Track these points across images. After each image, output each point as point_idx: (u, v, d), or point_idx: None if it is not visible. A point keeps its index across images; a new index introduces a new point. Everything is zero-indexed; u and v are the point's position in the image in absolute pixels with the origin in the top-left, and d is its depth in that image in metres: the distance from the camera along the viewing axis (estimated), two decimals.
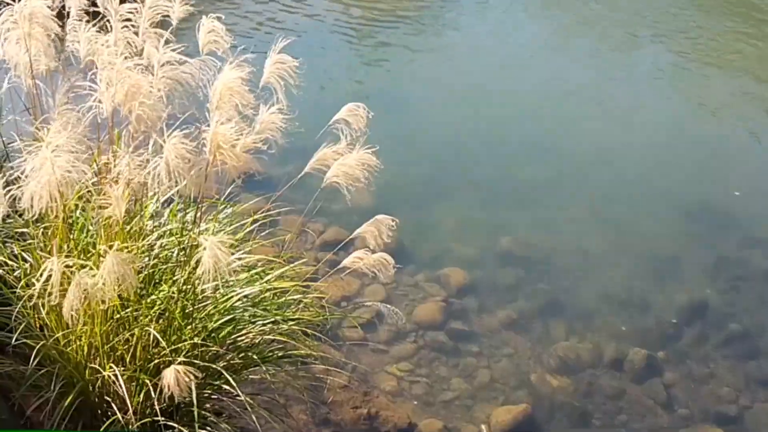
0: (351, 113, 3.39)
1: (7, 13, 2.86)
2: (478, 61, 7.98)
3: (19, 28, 2.83)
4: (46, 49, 2.91)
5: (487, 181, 6.32)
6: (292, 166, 4.68)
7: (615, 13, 9.16)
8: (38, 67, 2.96)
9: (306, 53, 3.70)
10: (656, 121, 7.22)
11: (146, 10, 3.07)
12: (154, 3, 3.13)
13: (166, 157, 2.69)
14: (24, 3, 2.86)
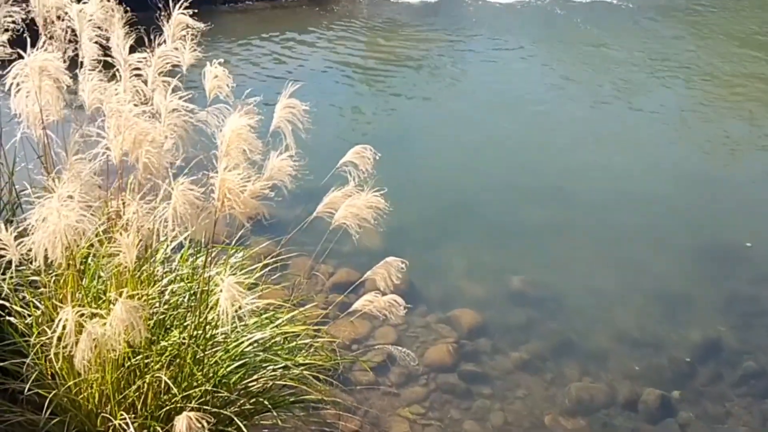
0: (358, 155, 3.42)
1: (18, 66, 2.91)
2: (486, 104, 8.02)
3: (30, 81, 2.88)
4: (57, 100, 2.95)
5: (496, 221, 6.32)
6: (301, 208, 4.70)
7: (624, 56, 9.21)
8: (48, 117, 3.00)
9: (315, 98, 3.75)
10: (667, 162, 7.23)
11: (156, 59, 3.12)
12: (164, 53, 3.17)
13: (174, 203, 2.71)
14: (35, 56, 2.91)
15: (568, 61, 9.11)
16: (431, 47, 9.12)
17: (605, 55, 9.21)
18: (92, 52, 3.24)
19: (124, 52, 3.01)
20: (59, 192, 2.44)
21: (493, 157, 7.13)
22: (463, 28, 9.67)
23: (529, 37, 9.61)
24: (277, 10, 9.65)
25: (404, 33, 9.42)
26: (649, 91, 8.49)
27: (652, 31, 9.91)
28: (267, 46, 8.77)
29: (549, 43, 9.52)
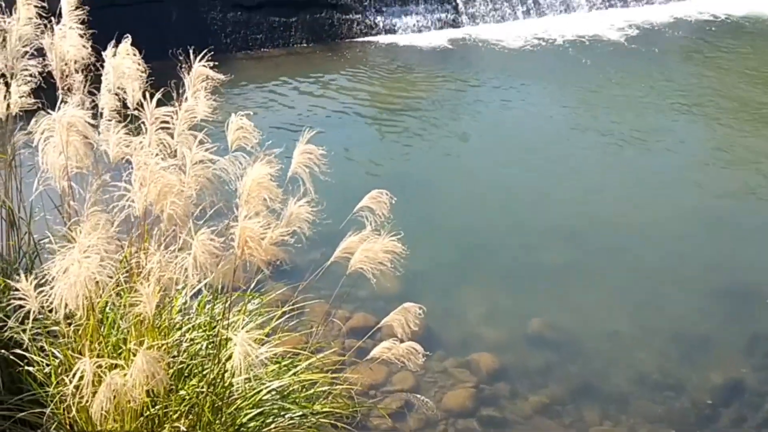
0: (374, 200, 3.44)
1: (47, 122, 2.96)
2: (501, 147, 8.05)
3: (57, 136, 2.92)
4: (83, 155, 2.99)
5: (513, 264, 6.29)
6: (318, 252, 4.72)
7: (641, 97, 9.19)
8: (73, 171, 3.04)
9: (330, 142, 3.79)
10: (686, 203, 7.18)
11: (182, 113, 3.16)
12: (190, 107, 3.22)
13: (195, 253, 2.73)
14: (63, 112, 2.95)
15: (584, 103, 9.14)
16: (444, 91, 9.19)
17: (621, 96, 9.23)
18: (112, 104, 3.30)
19: (151, 106, 3.06)
20: (80, 242, 2.47)
21: (509, 199, 7.13)
22: (475, 71, 9.74)
23: (542, 79, 9.66)
24: (292, 57, 9.77)
25: (417, 77, 9.50)
26: (667, 132, 8.47)
27: (668, 72, 9.94)
28: (282, 92, 8.87)
29: (564, 85, 9.56)
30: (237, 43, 9.64)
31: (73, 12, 3.35)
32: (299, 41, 9.99)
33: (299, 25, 10.02)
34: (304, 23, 10.05)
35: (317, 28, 10.11)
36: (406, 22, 10.54)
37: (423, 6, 10.68)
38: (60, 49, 3.25)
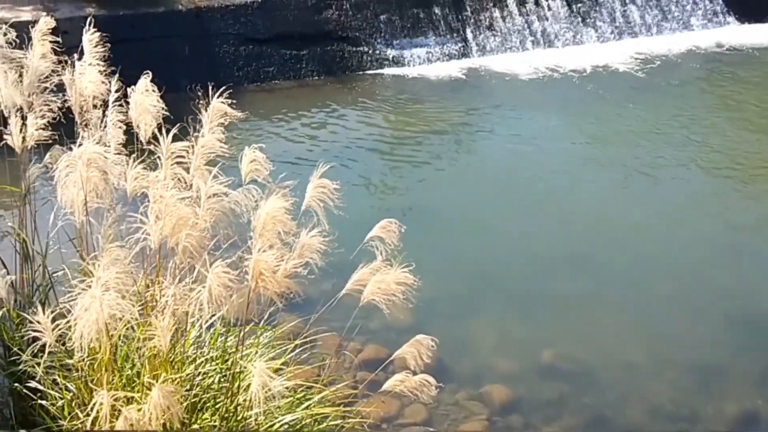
0: (384, 229, 3.46)
1: (67, 158, 2.99)
2: (511, 178, 8.05)
3: (77, 172, 2.95)
4: (102, 191, 3.02)
5: (525, 293, 6.28)
6: (330, 283, 4.72)
7: (652, 129, 9.16)
8: (92, 206, 3.07)
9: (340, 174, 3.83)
10: (699, 233, 7.15)
11: (199, 148, 3.19)
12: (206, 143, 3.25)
13: (209, 286, 2.75)
14: (84, 148, 2.99)
15: (595, 134, 9.14)
16: (454, 122, 9.23)
17: (632, 127, 9.22)
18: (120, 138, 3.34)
19: (167, 141, 3.10)
20: (98, 278, 2.49)
21: (521, 229, 7.12)
22: (485, 102, 9.78)
23: (552, 110, 9.68)
24: (303, 89, 9.85)
25: (426, 109, 9.55)
26: (679, 163, 8.44)
27: (680, 103, 9.92)
28: (294, 124, 8.94)
29: (574, 116, 9.56)
30: (249, 75, 9.73)
31: (94, 49, 3.41)
32: (310, 73, 10.07)
33: (310, 58, 10.12)
34: (315, 56, 10.14)
35: (328, 61, 10.20)
36: (416, 53, 10.63)
37: (432, 38, 10.76)
38: (79, 84, 3.30)
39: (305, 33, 10.15)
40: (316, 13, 10.26)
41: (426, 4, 10.87)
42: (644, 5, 12.00)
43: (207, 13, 9.68)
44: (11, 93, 3.24)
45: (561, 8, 11.52)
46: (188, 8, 9.62)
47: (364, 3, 10.52)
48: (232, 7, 9.83)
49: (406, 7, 10.75)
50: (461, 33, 10.93)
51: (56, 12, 8.96)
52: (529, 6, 11.38)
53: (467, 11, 11.04)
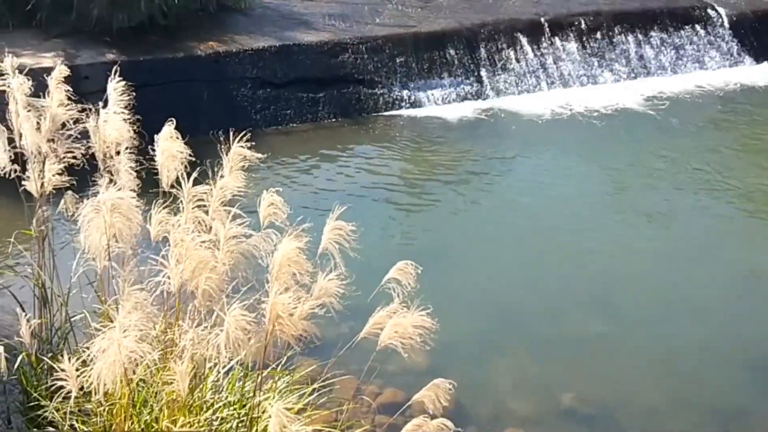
0: (401, 271, 3.46)
1: (92, 202, 3.03)
2: (528, 218, 8.03)
3: (100, 218, 2.99)
4: (125, 236, 3.05)
5: (544, 335, 6.23)
6: (347, 326, 4.71)
7: (669, 169, 9.12)
8: (114, 251, 3.10)
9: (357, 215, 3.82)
10: (718, 274, 7.09)
11: (217, 190, 3.23)
12: (224, 184, 3.29)
13: (227, 329, 2.75)
14: (108, 194, 3.03)
15: (611, 175, 9.11)
16: (470, 163, 9.25)
17: (649, 169, 9.17)
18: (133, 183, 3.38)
19: (188, 185, 3.13)
20: (119, 322, 2.50)
21: (538, 270, 7.10)
22: (501, 143, 9.81)
23: (568, 151, 9.69)
24: (320, 131, 9.93)
25: (443, 150, 9.59)
26: (696, 204, 8.37)
27: (696, 144, 9.88)
28: (311, 166, 9.00)
29: (590, 158, 9.55)
30: (266, 118, 9.83)
31: (119, 97, 3.47)
32: (327, 116, 10.16)
33: (327, 101, 10.22)
34: (331, 98, 10.24)
35: (344, 103, 10.30)
36: (432, 95, 10.71)
37: (448, 79, 10.85)
38: (103, 131, 3.35)
39: (322, 76, 10.27)
40: (332, 57, 10.39)
41: (441, 46, 10.98)
42: (659, 45, 12.07)
43: (225, 58, 9.83)
44: (35, 139, 3.30)
45: (576, 48, 11.60)
46: (207, 53, 9.77)
47: (379, 46, 10.65)
48: (250, 51, 9.97)
49: (421, 50, 10.87)
50: (476, 74, 11.02)
51: (78, 58, 9.13)
52: (544, 47, 11.47)
53: (482, 52, 11.14)
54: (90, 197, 3.22)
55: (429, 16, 11.63)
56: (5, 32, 9.58)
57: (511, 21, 11.54)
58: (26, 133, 3.37)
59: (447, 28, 11.18)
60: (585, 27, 11.82)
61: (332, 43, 10.44)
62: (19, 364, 3.50)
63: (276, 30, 10.67)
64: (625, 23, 12.05)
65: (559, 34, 11.64)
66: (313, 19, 11.16)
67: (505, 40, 11.34)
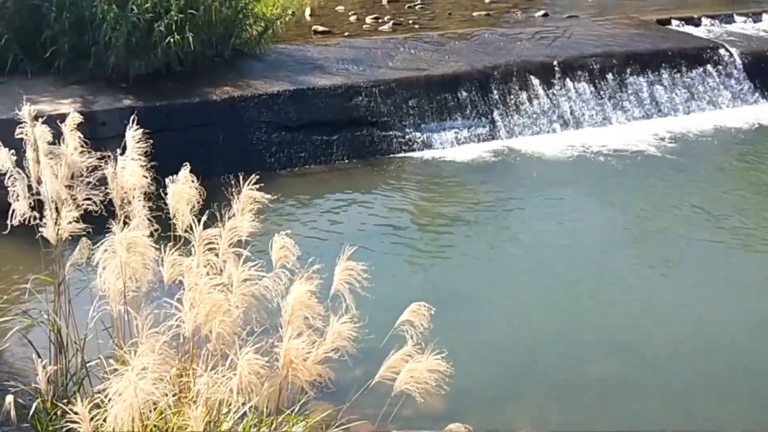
0: (415, 313, 3.45)
1: (108, 242, 3.06)
2: (542, 260, 7.96)
3: (117, 257, 3.01)
4: (141, 276, 3.08)
5: (561, 379, 6.15)
6: (361, 370, 4.68)
7: (686, 212, 9.03)
8: (129, 294, 3.12)
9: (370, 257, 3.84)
10: (737, 318, 6.98)
11: (226, 232, 3.26)
12: (233, 225, 3.32)
13: (240, 373, 2.75)
14: (124, 233, 3.06)
15: (626, 217, 9.03)
16: (484, 204, 9.25)
17: (665, 210, 9.08)
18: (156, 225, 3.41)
19: (199, 228, 3.16)
20: (135, 365, 2.50)
21: (554, 312, 7.04)
22: (514, 184, 9.82)
23: (582, 193, 9.66)
24: (334, 173, 9.99)
25: (456, 191, 9.62)
26: (713, 246, 8.25)
27: (710, 185, 9.78)
28: (325, 208, 9.03)
29: (604, 199, 9.50)
30: (281, 161, 9.91)
31: (136, 145, 3.53)
32: (341, 158, 10.23)
33: (341, 143, 10.29)
34: (345, 141, 10.32)
35: (358, 145, 10.36)
36: (445, 136, 10.76)
37: (460, 121, 10.92)
38: (120, 178, 3.40)
39: (336, 119, 10.36)
40: (346, 100, 10.50)
41: (453, 88, 11.07)
42: (671, 85, 12.11)
43: (240, 102, 9.95)
44: (53, 186, 3.35)
45: (588, 89, 11.66)
46: (222, 98, 9.89)
47: (392, 89, 10.75)
48: (265, 96, 10.09)
49: (434, 92, 10.96)
50: (489, 115, 11.08)
51: (95, 104, 9.27)
52: (556, 88, 11.54)
53: (494, 94, 11.22)
54: (106, 240, 3.25)
55: (441, 59, 11.75)
56: (24, 79, 9.76)
57: (522, 63, 11.63)
58: (45, 180, 3.42)
59: (459, 70, 11.28)
60: (597, 68, 11.88)
61: (346, 87, 10.56)
62: (34, 411, 3.50)
63: (290, 75, 10.81)
64: (637, 64, 12.10)
65: (571, 75, 11.71)
66: (326, 64, 11.30)
67: (518, 81, 11.42)
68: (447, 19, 14.69)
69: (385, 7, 15.75)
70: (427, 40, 12.62)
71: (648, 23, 13.93)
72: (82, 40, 9.92)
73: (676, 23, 14.10)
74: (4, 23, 9.69)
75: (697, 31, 13.81)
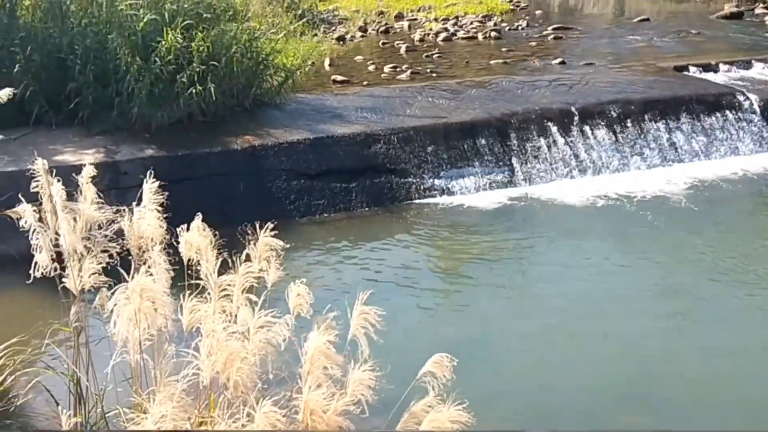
0: (437, 365, 3.42)
1: (122, 289, 3.09)
2: (565, 306, 7.88)
3: (131, 304, 3.03)
4: (154, 322, 3.09)
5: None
6: (382, 420, 4.62)
7: (711, 258, 8.92)
8: (145, 342, 3.13)
9: (389, 304, 3.80)
10: (763, 368, 6.84)
11: (239, 278, 3.27)
12: (246, 270, 3.33)
13: (257, 424, 2.73)
14: (137, 280, 3.08)
15: (647, 265, 8.91)
16: (503, 252, 9.21)
17: (685, 258, 8.98)
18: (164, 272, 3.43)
19: (214, 275, 3.18)
20: (153, 412, 2.50)
21: (577, 362, 6.94)
22: (533, 231, 9.77)
23: (602, 240, 9.57)
24: (353, 220, 10.02)
25: (475, 238, 9.59)
26: (737, 297, 8.10)
27: (731, 232, 9.65)
28: (344, 255, 9.03)
29: (624, 246, 9.40)
30: (300, 209, 9.96)
31: (153, 196, 3.57)
32: (359, 205, 10.27)
33: (359, 190, 10.34)
34: (364, 188, 10.37)
35: (377, 192, 10.41)
36: (463, 183, 10.79)
37: (479, 168, 10.95)
38: (137, 228, 3.44)
39: (354, 167, 10.43)
40: (364, 148, 10.58)
41: (471, 135, 11.13)
42: (690, 132, 12.10)
43: (261, 151, 10.05)
44: (72, 239, 3.39)
45: (606, 136, 11.67)
46: (243, 147, 10.01)
47: (410, 136, 10.83)
48: (285, 144, 10.20)
49: (452, 139, 11.03)
50: (507, 162, 11.10)
51: (117, 154, 9.41)
52: (575, 135, 11.56)
53: (513, 141, 11.26)
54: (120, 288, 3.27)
55: (459, 107, 11.85)
56: (48, 130, 9.94)
57: (541, 110, 11.70)
58: (62, 233, 3.46)
59: (477, 118, 11.36)
60: (615, 115, 11.91)
61: (364, 135, 10.65)
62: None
63: (310, 123, 10.94)
64: (656, 110, 12.13)
65: (590, 122, 11.74)
66: (345, 113, 11.42)
67: (536, 128, 11.47)
68: (464, 68, 14.84)
69: (403, 57, 15.95)
70: (444, 88, 12.75)
71: (665, 70, 13.99)
72: (106, 92, 10.11)
73: (694, 70, 14.15)
74: (30, 76, 9.90)
75: (716, 77, 13.84)
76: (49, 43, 10.21)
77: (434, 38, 17.86)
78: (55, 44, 10.22)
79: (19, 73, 9.81)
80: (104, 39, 10.14)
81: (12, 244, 6.18)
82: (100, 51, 10.12)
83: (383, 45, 17.34)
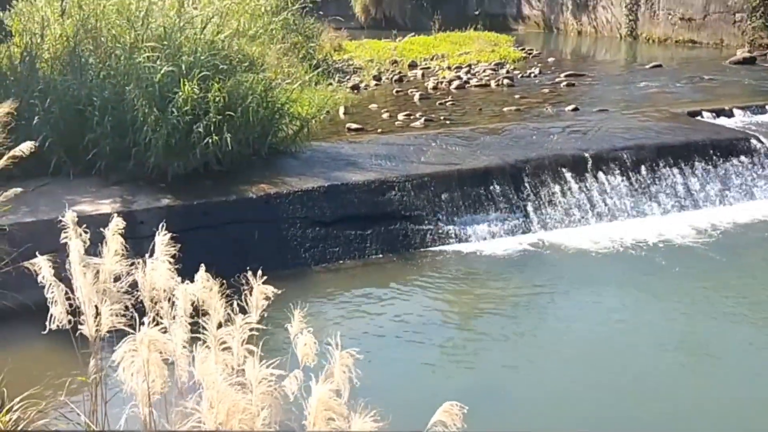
0: (447, 413, 3.41)
1: (129, 340, 3.12)
2: (580, 355, 7.80)
3: (139, 356, 3.06)
4: (161, 372, 3.11)
5: None
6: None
7: (730, 306, 8.81)
8: (155, 396, 3.15)
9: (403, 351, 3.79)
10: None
11: (237, 330, 3.29)
12: (244, 321, 3.35)
13: None
14: (145, 331, 3.11)
15: (663, 313, 8.78)
16: (517, 298, 9.17)
17: (702, 306, 8.88)
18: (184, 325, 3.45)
19: (213, 328, 3.20)
20: None
21: (591, 411, 6.85)
22: (548, 278, 9.72)
23: (618, 287, 9.49)
24: (367, 267, 10.03)
25: (489, 285, 9.57)
26: (755, 347, 7.99)
27: (748, 279, 9.50)
28: (357, 303, 9.03)
29: (640, 294, 9.25)
30: (315, 256, 9.99)
31: (164, 248, 3.62)
32: (374, 252, 10.30)
33: (374, 237, 10.38)
34: (378, 235, 10.40)
35: (391, 239, 10.44)
36: (478, 230, 10.80)
37: (494, 214, 10.96)
38: (150, 279, 3.48)
39: (369, 214, 10.48)
40: (379, 195, 10.64)
41: (485, 182, 11.17)
42: (705, 177, 12.08)
43: (276, 199, 10.14)
44: (88, 292, 3.44)
45: (621, 182, 11.68)
46: (258, 195, 10.10)
47: (425, 183, 10.89)
48: (300, 192, 10.28)
49: (467, 185, 11.07)
50: (522, 209, 11.12)
51: (134, 203, 9.51)
52: (589, 181, 11.57)
53: (527, 187, 11.29)
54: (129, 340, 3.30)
55: (472, 153, 11.92)
56: (66, 180, 10.08)
57: (554, 157, 11.74)
58: (79, 286, 3.51)
59: (490, 165, 11.41)
60: (629, 161, 11.93)
61: (379, 182, 10.72)
62: None
63: (324, 171, 11.04)
64: (670, 156, 12.13)
65: (604, 168, 11.76)
66: (360, 160, 11.52)
67: (550, 175, 11.50)
68: (477, 115, 14.97)
69: (416, 105, 16.12)
70: (458, 135, 12.85)
71: (678, 116, 14.03)
72: (123, 142, 10.27)
73: (707, 115, 14.18)
74: (48, 127, 10.09)
75: (729, 122, 13.86)
76: (68, 94, 10.42)
77: (447, 86, 18.04)
78: (74, 96, 10.43)
79: (38, 124, 10.00)
80: (122, 90, 10.34)
81: (29, 295, 6.25)
82: (118, 102, 10.31)
83: (397, 93, 17.54)
